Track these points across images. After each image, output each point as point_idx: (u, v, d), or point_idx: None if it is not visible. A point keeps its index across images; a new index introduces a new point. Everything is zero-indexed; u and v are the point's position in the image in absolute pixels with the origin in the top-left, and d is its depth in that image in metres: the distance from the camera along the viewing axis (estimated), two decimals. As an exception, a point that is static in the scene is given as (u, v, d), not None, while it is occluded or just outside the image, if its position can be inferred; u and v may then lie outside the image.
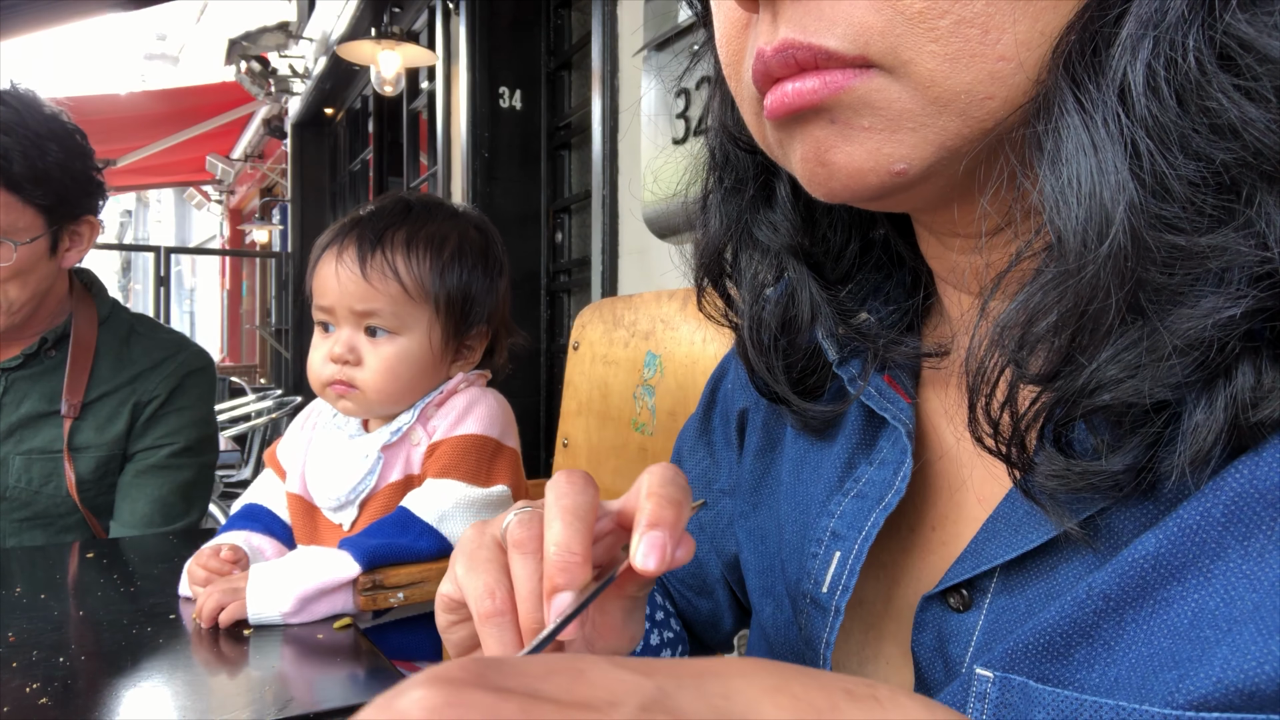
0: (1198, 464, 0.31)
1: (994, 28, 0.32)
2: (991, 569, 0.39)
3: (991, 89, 0.33)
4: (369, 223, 1.07)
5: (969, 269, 0.42)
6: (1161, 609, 0.32)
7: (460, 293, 1.08)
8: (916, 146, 0.35)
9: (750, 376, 0.53)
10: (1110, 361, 0.31)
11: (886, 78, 0.34)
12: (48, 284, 1.39)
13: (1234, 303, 0.29)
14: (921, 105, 0.34)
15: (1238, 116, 0.28)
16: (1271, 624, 0.28)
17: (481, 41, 3.82)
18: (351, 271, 1.03)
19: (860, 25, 0.33)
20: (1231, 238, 0.29)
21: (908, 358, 0.46)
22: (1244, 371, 0.30)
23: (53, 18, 4.00)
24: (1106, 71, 0.31)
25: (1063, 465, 0.34)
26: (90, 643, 0.80)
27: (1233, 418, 0.30)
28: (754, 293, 0.51)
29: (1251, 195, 0.29)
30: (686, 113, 2.23)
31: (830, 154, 0.36)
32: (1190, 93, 0.29)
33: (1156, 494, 0.34)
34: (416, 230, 1.07)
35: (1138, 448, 0.32)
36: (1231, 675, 0.29)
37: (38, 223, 1.33)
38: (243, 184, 11.31)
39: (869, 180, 0.36)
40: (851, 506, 0.46)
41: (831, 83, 0.34)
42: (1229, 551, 0.30)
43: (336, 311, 1.05)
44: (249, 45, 6.63)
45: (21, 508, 1.37)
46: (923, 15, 0.32)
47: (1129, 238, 0.30)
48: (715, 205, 0.51)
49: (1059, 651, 0.34)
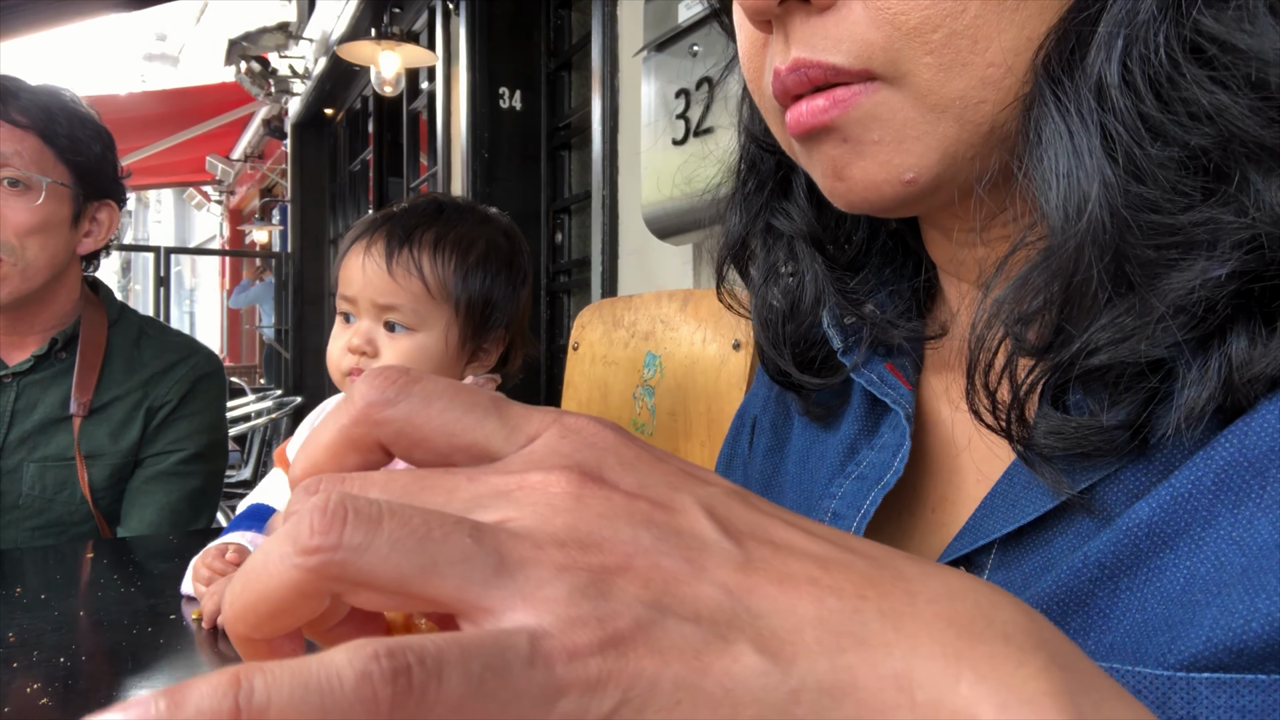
0: (1192, 421, 0.32)
1: (982, 37, 0.35)
2: (989, 544, 0.40)
3: (984, 93, 0.36)
4: (400, 219, 1.09)
5: (970, 260, 0.44)
6: (1155, 576, 0.33)
7: (482, 297, 1.09)
8: (922, 155, 0.38)
9: (762, 361, 0.56)
10: (1106, 330, 0.33)
11: (889, 89, 0.37)
12: (64, 260, 1.39)
13: (1220, 265, 0.31)
14: (921, 113, 0.37)
15: (1211, 104, 0.31)
16: (1258, 583, 0.29)
17: (481, 42, 3.82)
18: (378, 265, 1.06)
19: (863, 42, 0.36)
20: (1215, 213, 0.31)
21: (908, 338, 0.48)
22: (1237, 332, 0.32)
23: (53, 18, 4.00)
24: (1084, 69, 0.33)
25: (1059, 421, 0.35)
26: (91, 643, 0.80)
27: (1226, 376, 0.32)
28: (767, 277, 0.54)
29: (1231, 173, 0.31)
30: (686, 113, 2.23)
31: (847, 170, 0.39)
32: (1164, 84, 0.32)
33: (1150, 461, 0.35)
34: (445, 232, 1.09)
35: (1133, 404, 0.34)
36: (1220, 634, 0.29)
37: (68, 178, 1.38)
38: (243, 184, 11.31)
39: (884, 191, 0.39)
40: (852, 487, 0.47)
41: (840, 101, 0.38)
42: (1219, 519, 0.31)
43: (359, 302, 1.08)
44: (249, 46, 6.63)
45: (35, 515, 1.35)
46: (918, 30, 0.35)
47: (1105, 213, 0.32)
48: (740, 202, 0.55)
49: (1055, 620, 0.35)
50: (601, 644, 0.19)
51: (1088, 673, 0.22)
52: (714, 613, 0.21)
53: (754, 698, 0.20)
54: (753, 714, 0.20)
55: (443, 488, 0.23)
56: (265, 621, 0.21)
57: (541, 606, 0.20)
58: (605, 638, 0.20)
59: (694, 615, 0.20)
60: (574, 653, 0.19)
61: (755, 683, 0.20)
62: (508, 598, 0.20)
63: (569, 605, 0.20)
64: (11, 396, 1.37)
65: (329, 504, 0.20)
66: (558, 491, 0.22)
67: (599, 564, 0.21)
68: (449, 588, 0.20)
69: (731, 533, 0.23)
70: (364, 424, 0.24)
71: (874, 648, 0.21)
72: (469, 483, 0.23)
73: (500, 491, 0.23)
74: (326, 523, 0.20)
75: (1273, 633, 0.28)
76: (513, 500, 0.22)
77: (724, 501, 0.24)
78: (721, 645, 0.20)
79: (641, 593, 0.20)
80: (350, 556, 0.20)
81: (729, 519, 0.23)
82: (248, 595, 0.21)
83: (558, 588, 0.20)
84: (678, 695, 0.19)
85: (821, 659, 0.20)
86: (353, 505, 0.20)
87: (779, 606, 0.21)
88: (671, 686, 0.19)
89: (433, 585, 0.20)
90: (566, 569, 0.20)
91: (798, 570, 0.22)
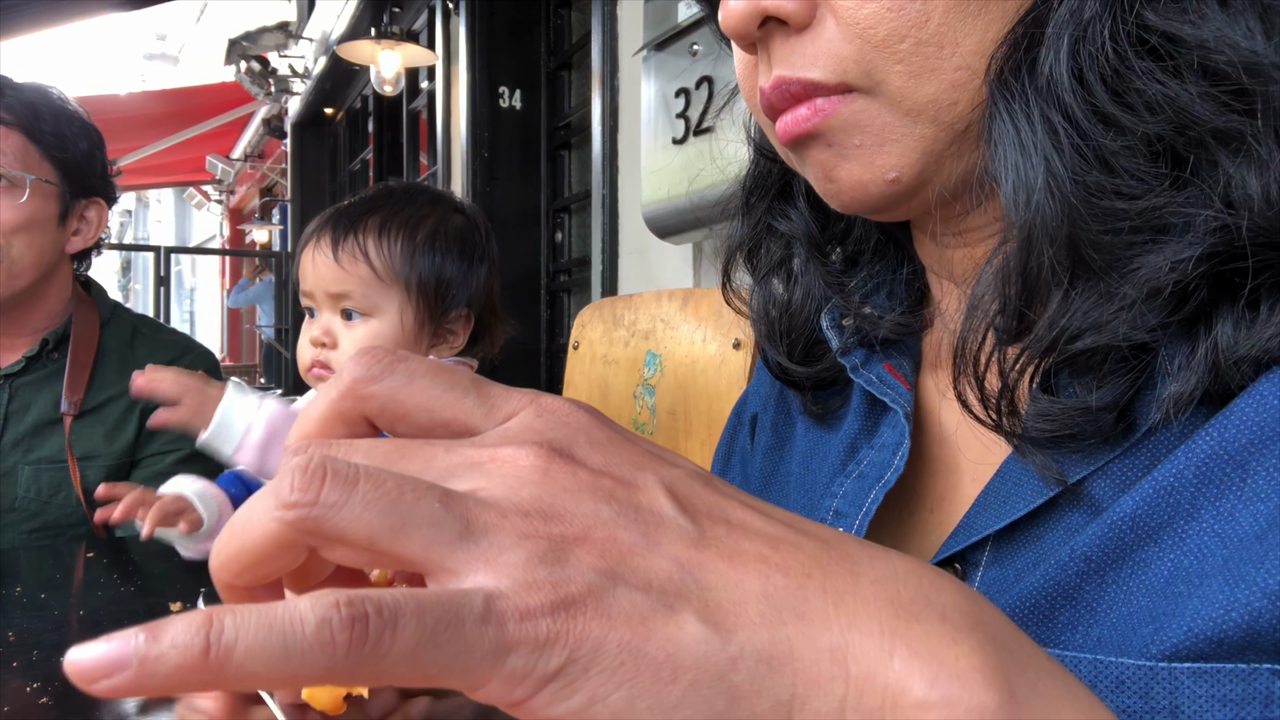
0: (1180, 408, 0.33)
1: (948, 44, 0.37)
2: (983, 541, 0.40)
3: (955, 95, 0.38)
4: (348, 210, 1.11)
5: (955, 260, 0.46)
6: (1140, 569, 0.33)
7: (434, 275, 1.09)
8: (903, 155, 0.40)
9: (763, 357, 0.57)
10: (1075, 314, 0.34)
11: (866, 99, 0.39)
12: (52, 259, 1.38)
13: (1190, 247, 0.32)
14: (898, 118, 0.39)
15: (1160, 94, 0.33)
16: (1238, 574, 0.29)
17: (481, 41, 3.82)
18: (326, 255, 1.07)
19: (837, 57, 0.39)
20: (1175, 197, 0.33)
21: (898, 332, 0.50)
22: (1222, 316, 0.33)
23: (53, 18, 4.00)
24: (1034, 68, 0.35)
25: (1047, 404, 0.36)
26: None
27: (1213, 360, 0.32)
28: (768, 274, 0.56)
29: (1189, 160, 0.33)
30: (686, 112, 2.23)
31: (835, 171, 0.42)
32: (1111, 78, 0.34)
33: (1138, 453, 0.36)
34: (391, 215, 1.09)
35: (1118, 386, 0.35)
36: (1201, 624, 0.30)
37: (53, 176, 1.36)
38: (243, 184, 11.31)
39: (870, 191, 0.41)
40: (853, 486, 0.48)
41: (820, 110, 0.40)
42: (1201, 512, 0.32)
43: (315, 295, 1.09)
44: (249, 45, 6.63)
45: (31, 518, 1.34)
46: (886, 41, 0.38)
47: (1053, 200, 0.34)
48: (745, 205, 0.57)
49: (1044, 615, 0.36)
50: (553, 606, 0.21)
51: (1025, 652, 0.23)
52: (664, 584, 0.22)
53: (694, 663, 0.21)
54: (692, 678, 0.21)
55: (421, 456, 0.24)
56: (247, 570, 0.23)
57: (501, 570, 0.21)
58: (557, 601, 0.21)
59: (644, 585, 0.22)
60: (526, 613, 0.21)
61: (696, 649, 0.21)
62: (470, 560, 0.21)
63: (526, 570, 0.21)
64: (4, 399, 1.36)
65: (310, 464, 0.22)
66: (526, 465, 0.24)
67: (559, 534, 0.22)
68: (416, 548, 0.21)
69: (689, 511, 0.24)
70: (350, 398, 0.26)
71: (813, 622, 0.22)
72: (445, 453, 0.24)
73: (473, 463, 0.24)
74: (306, 481, 0.21)
75: (1251, 622, 0.29)
76: (484, 471, 0.24)
77: (685, 482, 0.25)
78: (667, 614, 0.21)
79: (597, 562, 0.22)
80: (326, 513, 0.21)
81: (689, 498, 0.24)
82: (232, 545, 0.23)
83: (517, 553, 0.21)
84: (621, 657, 0.21)
85: (762, 630, 0.22)
86: (332, 466, 0.22)
87: (727, 580, 0.22)
88: (616, 649, 0.21)
89: (400, 544, 0.21)
90: (528, 537, 0.22)
91: (748, 548, 0.23)
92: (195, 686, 0.19)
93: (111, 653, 0.19)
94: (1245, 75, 0.31)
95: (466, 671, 0.20)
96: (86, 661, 0.19)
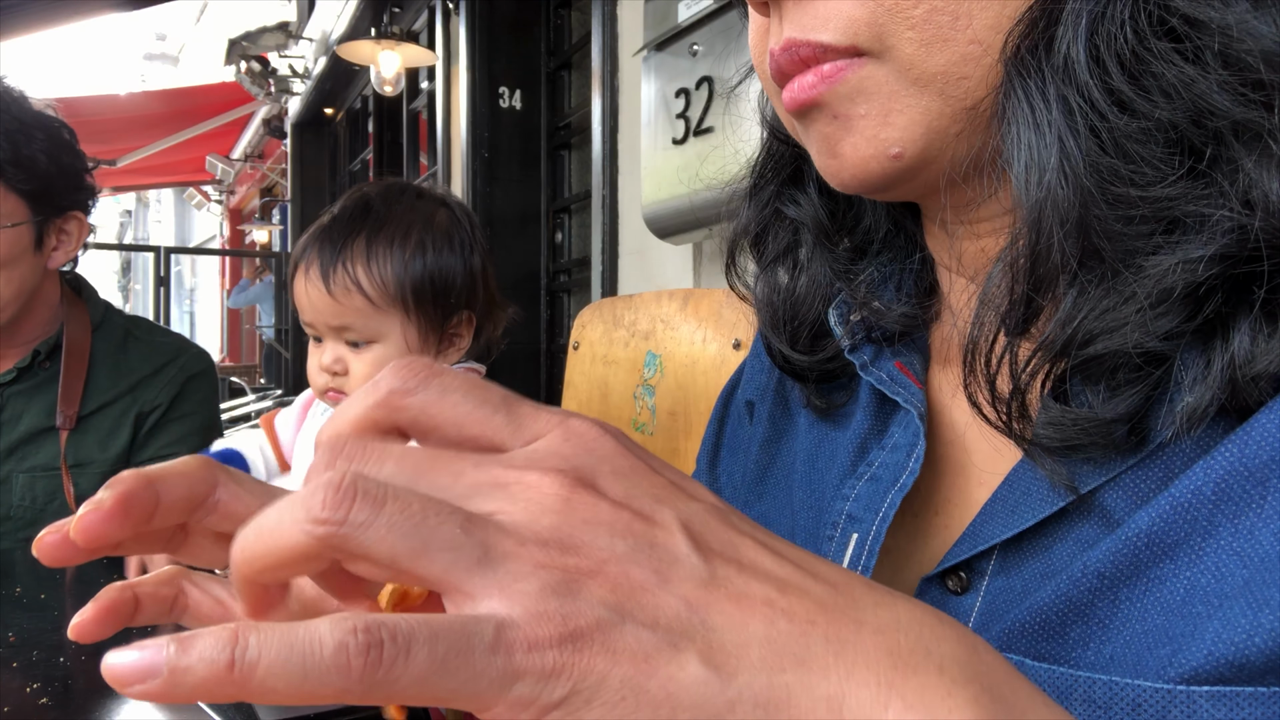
0: (1195, 422, 0.32)
1: (962, 15, 0.36)
2: (989, 550, 0.40)
3: (965, 69, 0.37)
4: (330, 233, 1.09)
5: (966, 252, 0.45)
6: (1155, 586, 0.33)
7: (428, 283, 1.09)
8: (907, 129, 0.39)
9: (767, 349, 0.56)
10: (1088, 314, 0.34)
11: (874, 64, 0.39)
12: (33, 283, 1.34)
13: (1202, 247, 0.32)
14: (905, 86, 0.38)
15: (1178, 78, 0.32)
16: (1260, 597, 0.29)
17: (481, 41, 3.82)
18: (318, 289, 1.06)
19: (848, 19, 0.38)
20: (1188, 189, 0.32)
21: (904, 324, 0.49)
22: (1239, 329, 0.32)
23: (53, 18, 4.00)
24: (1052, 46, 0.35)
25: (1058, 413, 0.36)
26: (90, 643, 0.80)
27: (1230, 375, 0.32)
28: (774, 261, 0.55)
29: (1205, 151, 0.32)
30: (686, 112, 2.23)
31: (838, 146, 0.41)
32: (1130, 60, 0.33)
33: (1152, 464, 0.35)
34: (376, 231, 1.08)
35: (1132, 398, 0.34)
36: (1222, 648, 0.29)
37: (21, 209, 1.29)
38: (243, 184, 11.31)
39: (872, 167, 0.40)
40: (866, 489, 0.47)
41: (827, 77, 0.39)
42: (1220, 529, 0.31)
43: (316, 326, 1.09)
44: (249, 45, 6.63)
45: (26, 527, 1.33)
46: (899, 5, 0.37)
47: (1065, 181, 0.33)
48: (754, 189, 0.56)
49: (1055, 630, 0.35)
50: (560, 639, 0.22)
51: (1022, 704, 0.24)
52: (671, 622, 0.23)
53: (693, 703, 0.22)
54: (689, 717, 0.22)
55: (450, 470, 0.25)
56: (268, 570, 0.24)
57: (514, 598, 0.22)
58: (565, 633, 0.22)
59: (652, 622, 0.23)
60: (534, 644, 0.22)
61: (696, 690, 0.22)
62: (486, 586, 0.22)
63: (538, 600, 0.22)
64: None
65: (343, 482, 0.22)
66: (549, 493, 0.24)
67: (574, 566, 0.23)
68: (436, 570, 0.22)
69: (703, 549, 0.24)
70: (384, 408, 0.27)
71: (812, 670, 0.22)
72: (474, 469, 0.25)
73: (500, 483, 0.25)
74: (337, 500, 0.22)
75: (1275, 646, 0.28)
76: (509, 494, 0.25)
77: (702, 518, 0.26)
78: (671, 652, 0.22)
79: (607, 596, 0.23)
80: (353, 532, 0.22)
81: (703, 535, 0.25)
82: (257, 546, 0.24)
83: (532, 583, 0.22)
84: (623, 692, 0.22)
85: (761, 675, 0.22)
86: (362, 487, 0.23)
87: (733, 623, 0.23)
88: (619, 684, 0.22)
89: (421, 566, 0.22)
90: (543, 567, 0.23)
91: (756, 591, 0.24)
92: (220, 696, 0.20)
93: (145, 660, 0.20)
94: (1266, 67, 0.31)
95: (475, 696, 0.21)
96: (122, 666, 0.20)
